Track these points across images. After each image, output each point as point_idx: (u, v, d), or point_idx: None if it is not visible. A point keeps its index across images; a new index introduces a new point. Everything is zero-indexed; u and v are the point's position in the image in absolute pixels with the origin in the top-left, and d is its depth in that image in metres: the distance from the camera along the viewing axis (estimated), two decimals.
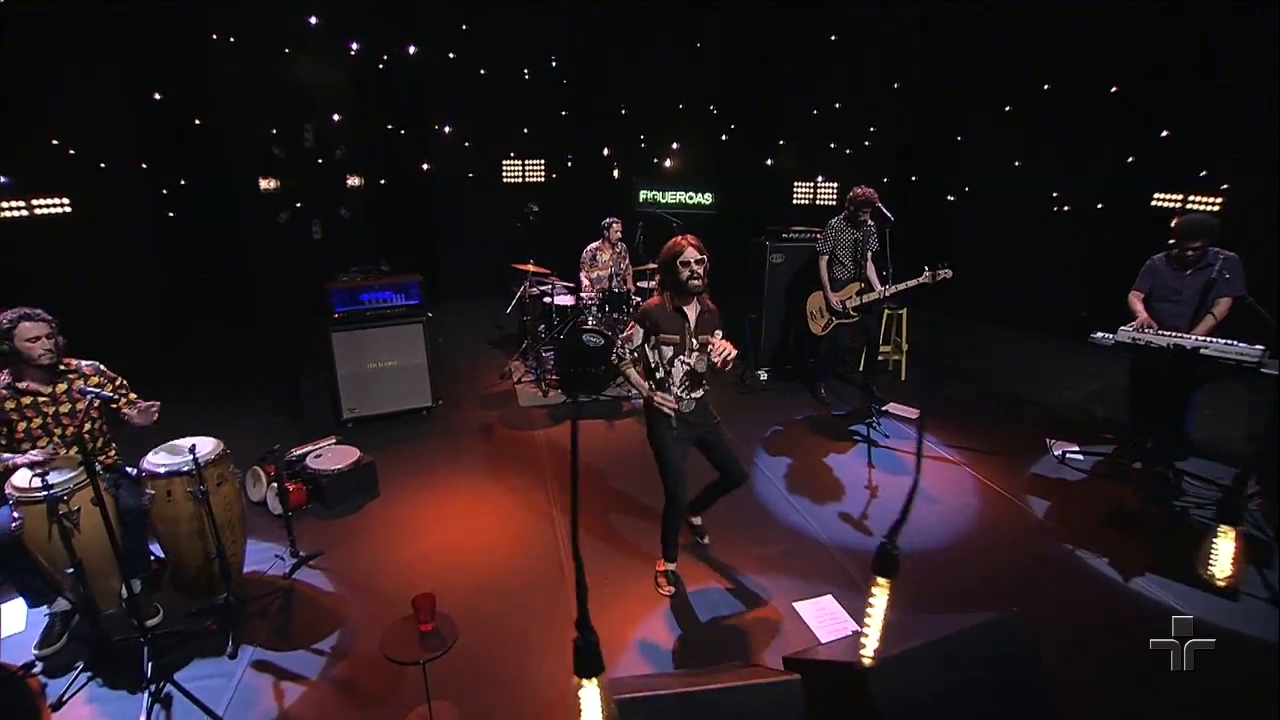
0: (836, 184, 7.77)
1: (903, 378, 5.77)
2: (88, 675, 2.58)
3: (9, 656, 2.74)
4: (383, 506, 3.87)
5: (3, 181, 5.28)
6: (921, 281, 4.51)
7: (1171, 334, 3.60)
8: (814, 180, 7.93)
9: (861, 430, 4.71)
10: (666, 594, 3.12)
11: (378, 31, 7.11)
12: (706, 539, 3.56)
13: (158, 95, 6.10)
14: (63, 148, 5.58)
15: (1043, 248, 6.72)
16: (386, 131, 7.52)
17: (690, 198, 8.00)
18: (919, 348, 5.99)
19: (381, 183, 7.66)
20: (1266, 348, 3.28)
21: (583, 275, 5.83)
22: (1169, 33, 5.67)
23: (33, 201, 5.48)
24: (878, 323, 5.26)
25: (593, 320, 5.20)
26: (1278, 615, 2.93)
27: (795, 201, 8.02)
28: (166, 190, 6.38)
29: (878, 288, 4.78)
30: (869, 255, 4.89)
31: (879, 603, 1.06)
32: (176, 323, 6.54)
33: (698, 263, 2.78)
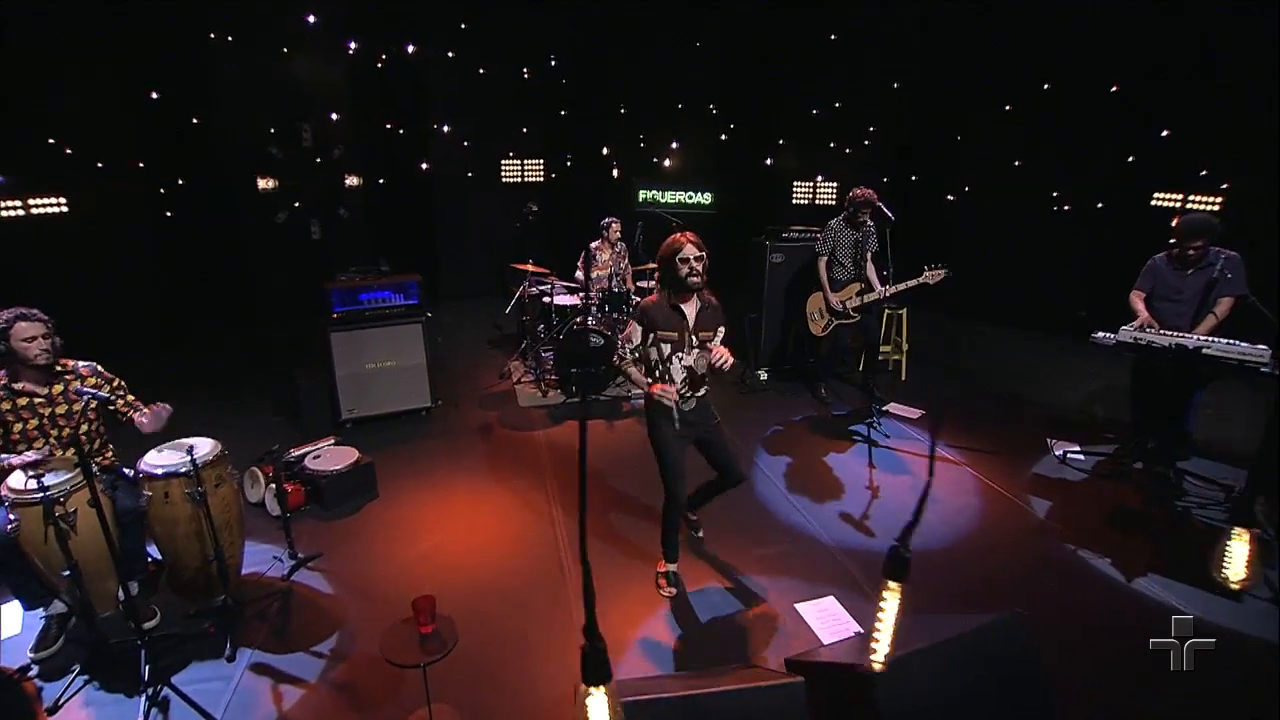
0: (836, 184, 7.76)
1: (903, 377, 5.76)
2: (84, 678, 2.56)
3: (5, 660, 2.71)
4: (382, 507, 3.85)
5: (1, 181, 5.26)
6: (921, 281, 4.51)
7: (1173, 334, 3.60)
8: (813, 180, 7.92)
9: (862, 430, 4.70)
10: (667, 595, 3.11)
11: (376, 30, 7.09)
12: (701, 533, 3.58)
13: (155, 94, 6.08)
14: (60, 147, 5.56)
15: (1043, 248, 6.72)
16: (385, 131, 7.50)
17: (690, 197, 7.99)
18: (920, 348, 5.98)
19: (380, 182, 7.64)
20: (1269, 347, 3.27)
21: (581, 274, 5.81)
22: (1169, 33, 5.67)
23: (29, 201, 5.45)
24: (878, 323, 5.25)
25: (592, 320, 5.19)
26: (1278, 615, 2.92)
27: (794, 201, 8.01)
28: (164, 190, 6.36)
29: (878, 288, 4.77)
30: (869, 256, 4.89)
31: (890, 607, 1.05)
32: (176, 323, 6.52)
33: (697, 259, 2.77)
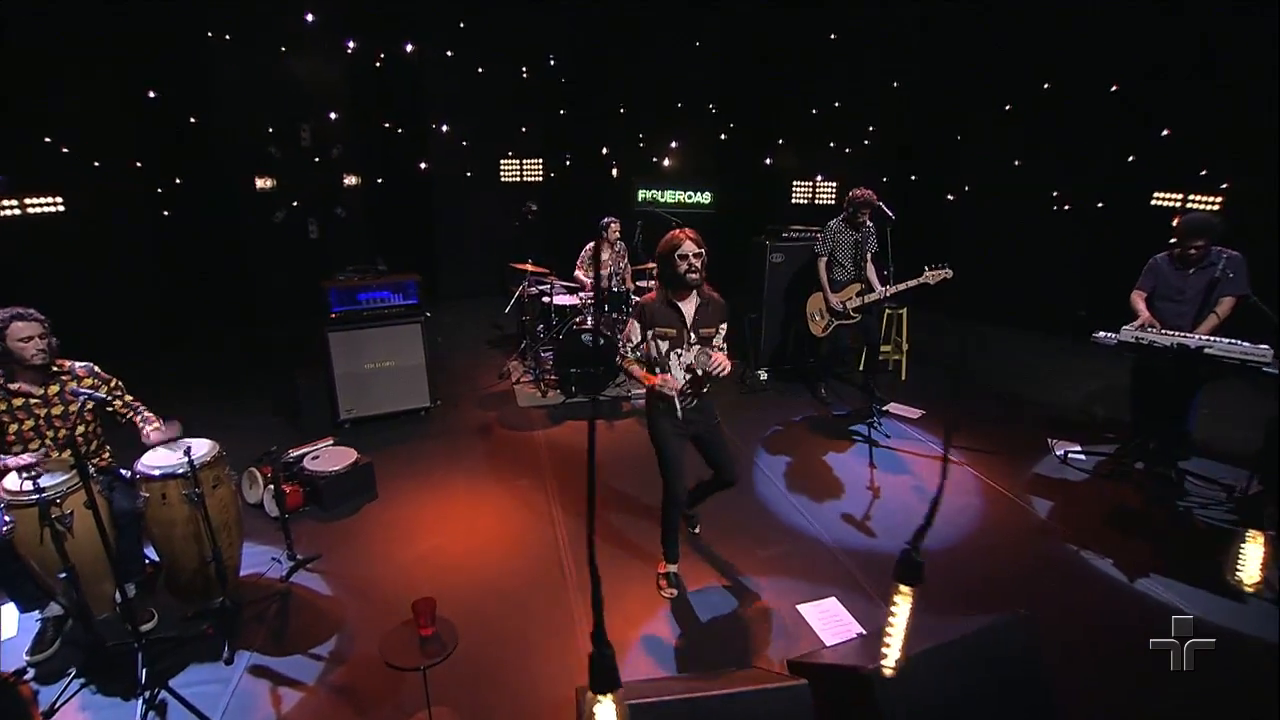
0: (835, 183, 7.75)
1: (903, 377, 5.76)
2: (81, 681, 2.54)
3: (1, 663, 2.68)
4: (381, 508, 3.83)
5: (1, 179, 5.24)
6: (922, 281, 4.50)
7: (1175, 333, 3.59)
8: (813, 180, 7.91)
9: (862, 430, 4.69)
10: (668, 596, 3.10)
11: (375, 30, 7.06)
12: (698, 529, 3.59)
13: (153, 94, 6.05)
14: (57, 146, 5.52)
15: (1043, 247, 6.71)
16: (384, 130, 7.47)
17: (689, 197, 7.97)
18: (920, 348, 5.97)
19: (379, 182, 7.61)
20: (1270, 347, 3.27)
21: (581, 273, 5.80)
22: (1169, 33, 5.67)
23: (26, 200, 5.41)
24: (878, 323, 5.24)
25: (591, 320, 5.17)
26: (1278, 615, 2.91)
27: (794, 201, 8.00)
28: (162, 189, 6.33)
29: (878, 288, 4.76)
30: (868, 256, 4.88)
31: (901, 611, 1.03)
32: (176, 323, 6.49)
33: (695, 256, 2.76)
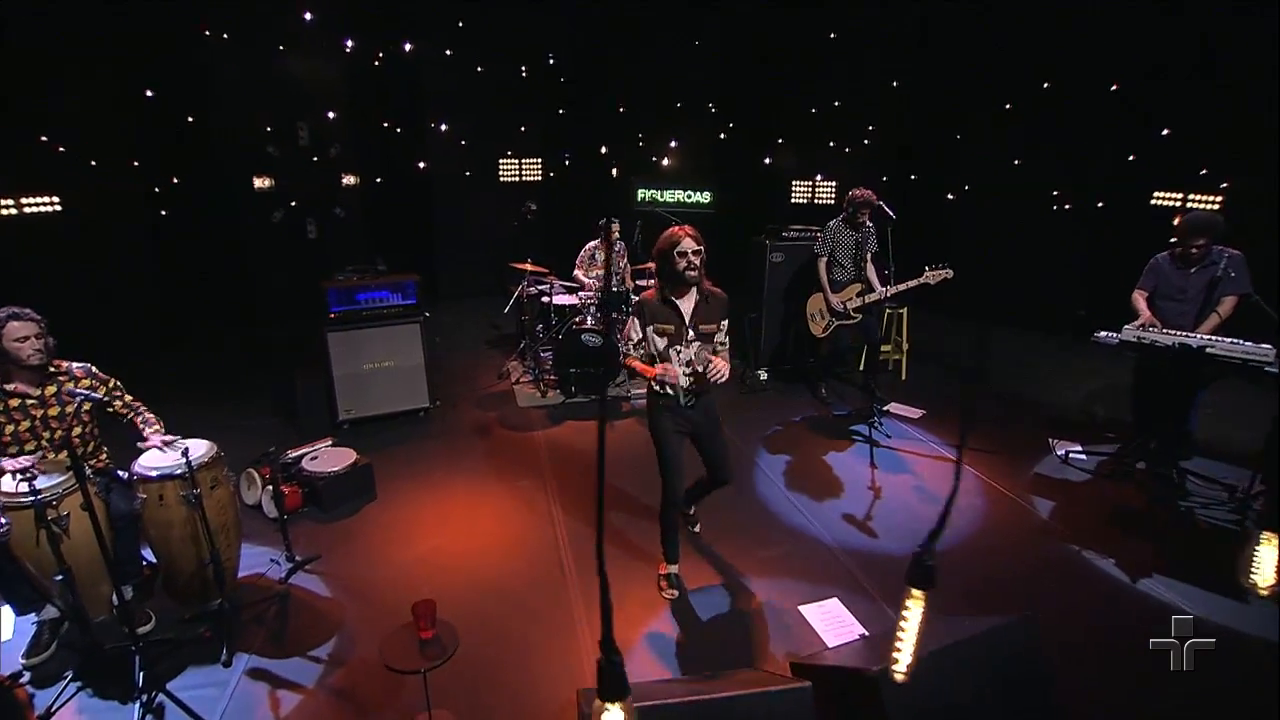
0: (835, 183, 7.73)
1: (903, 377, 5.75)
2: (77, 685, 2.52)
3: None
4: (380, 509, 3.82)
5: None
6: (922, 281, 4.50)
7: (1177, 333, 3.58)
8: (812, 179, 7.90)
9: (863, 430, 4.68)
10: (669, 597, 3.09)
11: (373, 29, 7.04)
12: (698, 528, 3.58)
13: (150, 93, 6.02)
14: (55, 146, 5.48)
15: (1043, 247, 6.70)
16: (382, 129, 7.44)
17: (689, 196, 7.95)
18: (920, 348, 5.96)
19: (377, 181, 7.58)
20: (1273, 346, 3.26)
21: (580, 273, 5.78)
22: (1169, 33, 5.66)
23: (22, 200, 5.38)
24: (878, 322, 5.23)
25: (591, 320, 5.16)
26: (1278, 615, 2.91)
27: (793, 200, 7.99)
28: (159, 189, 6.30)
29: (878, 288, 4.75)
30: (869, 256, 4.87)
31: (913, 615, 1.02)
32: (176, 323, 6.47)
33: (695, 253, 2.76)
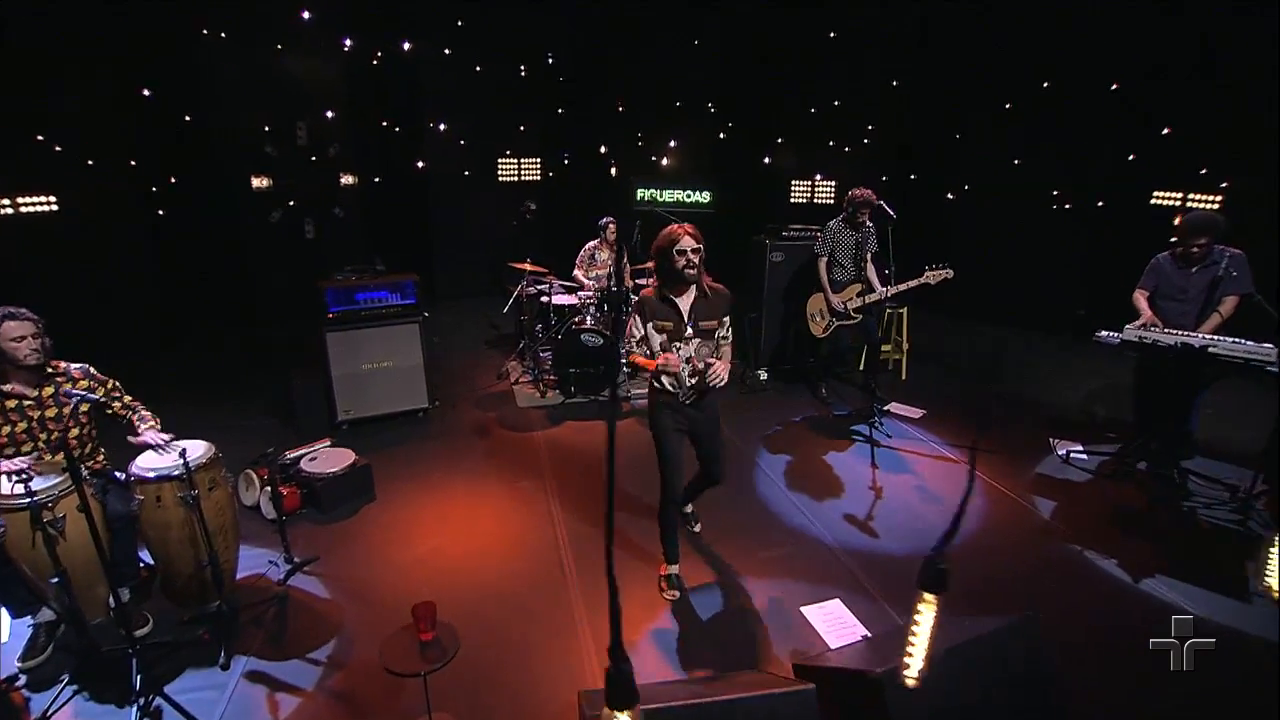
0: (834, 182, 7.73)
1: (903, 377, 5.74)
2: (74, 688, 2.49)
3: None
4: (379, 510, 3.80)
5: None
6: (922, 281, 4.49)
7: (1178, 332, 3.58)
8: (811, 179, 7.89)
9: (864, 430, 4.67)
10: (670, 598, 3.07)
11: (372, 28, 7.01)
12: (698, 527, 3.58)
13: (147, 92, 5.99)
14: (50, 145, 5.45)
15: (1043, 247, 6.70)
16: (381, 129, 7.42)
17: (688, 196, 7.94)
18: (920, 348, 5.95)
19: (376, 181, 7.56)
20: (1275, 346, 3.25)
21: (580, 273, 5.77)
22: (1169, 33, 5.66)
23: (18, 200, 5.35)
24: (878, 322, 5.22)
25: (590, 320, 5.14)
26: (1278, 615, 2.90)
27: (792, 200, 7.98)
28: (156, 188, 6.27)
29: (879, 288, 4.74)
30: (869, 256, 4.86)
31: (925, 620, 1.00)
32: (175, 323, 6.44)
33: (694, 251, 2.77)
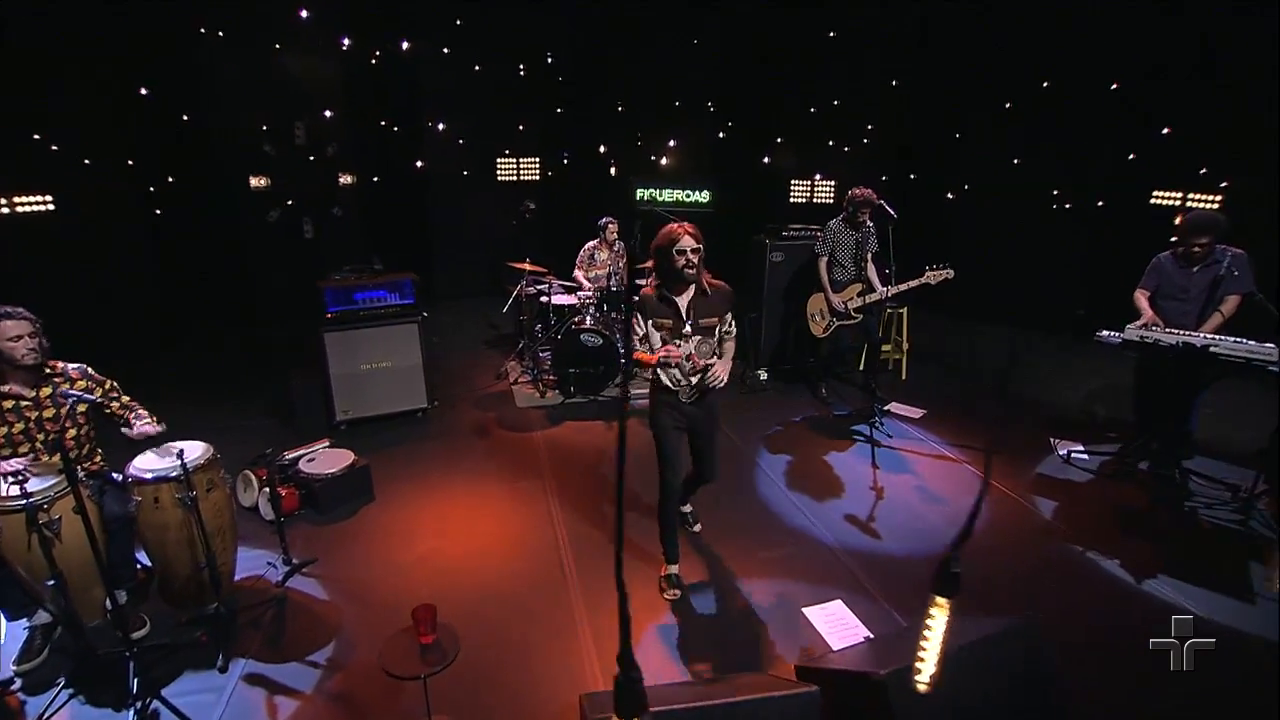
0: (834, 182, 7.72)
1: (903, 377, 5.73)
2: (70, 691, 2.47)
3: None
4: (378, 511, 3.78)
5: None
6: (923, 281, 4.49)
7: (1180, 332, 3.57)
8: (811, 179, 7.88)
9: (864, 430, 4.66)
10: (671, 598, 3.06)
11: (371, 27, 6.99)
12: (698, 527, 3.58)
13: (145, 91, 5.96)
14: (46, 145, 5.42)
15: (1043, 247, 6.69)
16: (379, 128, 7.40)
17: (687, 196, 7.93)
18: (921, 348, 5.94)
19: (374, 180, 7.54)
20: (1276, 345, 3.25)
21: (579, 273, 5.75)
22: (1169, 33, 5.65)
23: (15, 199, 5.32)
24: (879, 322, 5.21)
25: (590, 320, 5.13)
26: (1278, 615, 2.89)
27: (792, 200, 7.97)
28: (154, 188, 6.24)
29: (879, 288, 4.74)
30: (869, 256, 4.85)
31: (937, 624, 0.99)
32: (175, 323, 6.42)
33: (693, 251, 2.78)
